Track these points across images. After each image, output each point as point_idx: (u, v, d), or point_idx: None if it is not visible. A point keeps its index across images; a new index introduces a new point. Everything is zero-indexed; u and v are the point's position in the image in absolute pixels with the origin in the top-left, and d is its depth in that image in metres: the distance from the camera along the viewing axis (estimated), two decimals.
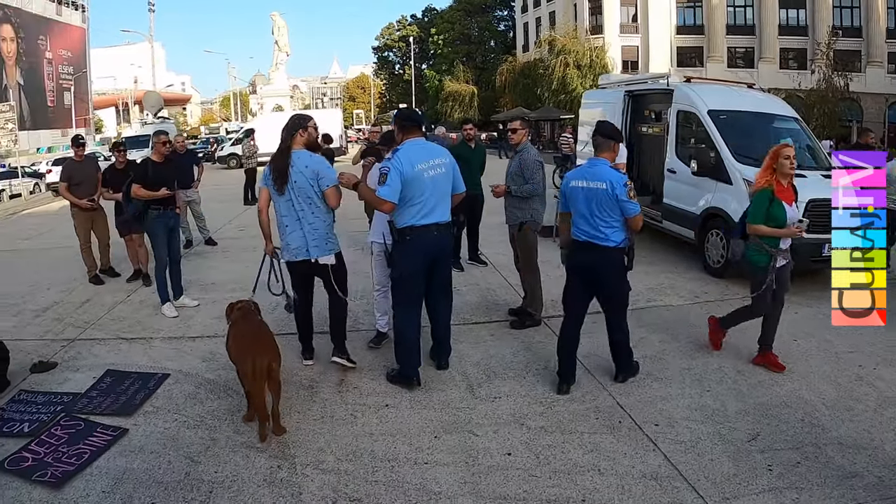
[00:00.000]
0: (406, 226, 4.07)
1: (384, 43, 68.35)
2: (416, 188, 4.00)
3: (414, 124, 4.24)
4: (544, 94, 38.68)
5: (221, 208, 12.89)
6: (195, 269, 7.88)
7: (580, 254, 3.99)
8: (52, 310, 6.39)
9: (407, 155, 4.01)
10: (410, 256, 4.11)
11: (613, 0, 40.84)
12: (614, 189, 3.74)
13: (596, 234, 3.86)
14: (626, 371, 4.21)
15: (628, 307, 4.22)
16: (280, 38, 42.61)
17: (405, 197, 4.00)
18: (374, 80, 78.78)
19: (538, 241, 5.51)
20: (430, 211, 4.08)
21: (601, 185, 3.79)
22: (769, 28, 38.35)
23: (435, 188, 4.08)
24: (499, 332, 5.25)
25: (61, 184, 7.46)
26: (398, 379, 4.27)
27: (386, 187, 3.94)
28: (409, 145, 4.10)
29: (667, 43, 40.13)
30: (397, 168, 3.95)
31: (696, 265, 7.09)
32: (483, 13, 57.98)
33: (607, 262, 3.90)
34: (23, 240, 11.30)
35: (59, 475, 3.32)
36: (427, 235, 4.08)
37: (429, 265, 4.18)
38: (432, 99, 55.54)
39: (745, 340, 4.73)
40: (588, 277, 3.99)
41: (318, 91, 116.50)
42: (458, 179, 4.32)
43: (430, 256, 4.16)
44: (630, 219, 3.82)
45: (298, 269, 4.45)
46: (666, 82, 8.21)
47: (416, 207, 4.04)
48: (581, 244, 3.96)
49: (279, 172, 4.21)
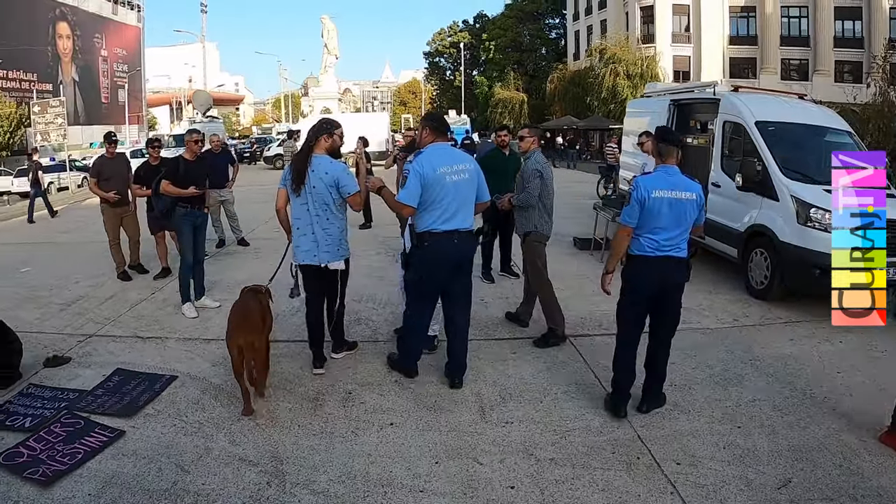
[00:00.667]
0: (425, 230, 4.01)
1: (435, 48, 68.55)
2: (436, 192, 3.93)
3: (440, 127, 4.18)
4: (593, 104, 38.07)
5: (260, 209, 12.68)
6: (223, 268, 7.85)
7: (653, 269, 3.65)
8: (76, 304, 6.44)
9: (429, 158, 3.97)
10: (428, 262, 4.06)
11: (665, 8, 39.95)
12: (701, 198, 3.62)
13: (676, 246, 3.64)
14: (654, 402, 3.88)
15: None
16: (329, 42, 43.11)
17: (426, 201, 3.95)
18: (425, 85, 78.94)
19: (542, 250, 5.32)
20: (452, 216, 3.99)
21: (691, 195, 3.59)
22: (824, 40, 36.87)
23: (457, 193, 3.99)
24: (522, 349, 4.95)
25: (91, 179, 7.61)
26: (397, 366, 4.37)
27: (405, 191, 3.95)
28: (432, 149, 4.05)
29: (719, 53, 39.03)
30: (417, 171, 3.92)
31: (739, 286, 6.65)
32: (535, 20, 57.45)
33: (681, 276, 3.69)
34: (62, 233, 11.61)
35: (50, 474, 3.29)
36: (447, 242, 4.00)
37: (448, 272, 4.11)
38: (482, 105, 55.22)
39: (791, 369, 4.35)
40: (658, 294, 3.70)
41: (369, 95, 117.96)
42: (483, 188, 4.21)
43: (450, 263, 4.08)
44: (699, 227, 3.69)
45: (308, 272, 4.45)
46: (712, 91, 7.80)
47: (437, 212, 3.96)
48: (655, 260, 3.63)
49: (297, 174, 4.24)
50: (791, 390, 4.17)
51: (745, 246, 6.60)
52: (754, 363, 4.62)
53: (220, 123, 37.58)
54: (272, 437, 3.60)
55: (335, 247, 4.37)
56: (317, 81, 45.99)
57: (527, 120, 47.48)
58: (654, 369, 3.84)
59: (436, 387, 4.25)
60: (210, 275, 7.15)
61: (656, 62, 37.72)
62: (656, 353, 3.84)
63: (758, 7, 38.37)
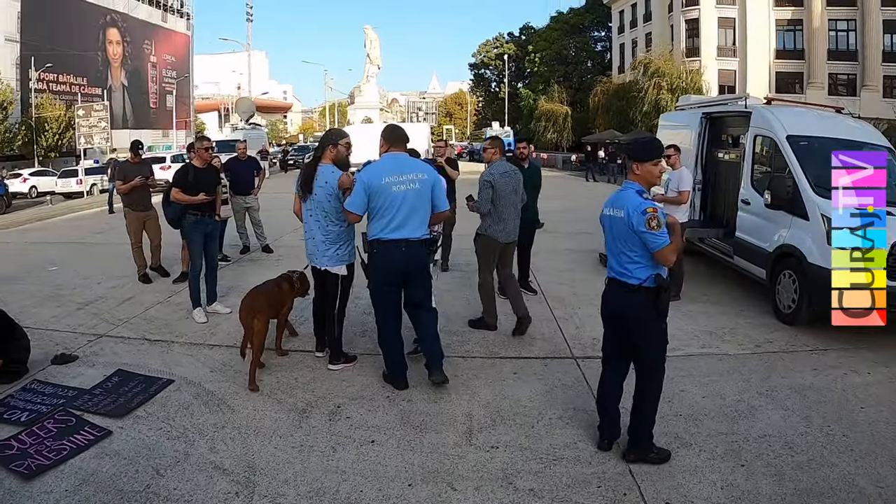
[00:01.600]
0: (374, 238, 4.18)
1: (481, 60, 68.72)
2: (383, 200, 4.06)
3: (394, 138, 4.31)
4: (636, 117, 37.43)
5: (289, 217, 12.93)
6: (241, 275, 7.87)
7: (608, 294, 3.47)
8: (93, 304, 6.57)
9: (376, 168, 4.14)
10: (379, 269, 4.23)
11: (711, 21, 39.16)
12: (630, 218, 3.21)
13: (620, 269, 3.34)
14: (638, 451, 3.41)
15: (665, 360, 3.42)
16: (372, 52, 43.70)
17: (374, 209, 4.12)
18: (471, 96, 79.02)
19: (489, 252, 5.59)
20: (399, 226, 4.09)
21: (620, 212, 3.29)
22: (873, 54, 35.35)
23: (404, 202, 4.08)
24: (524, 370, 4.75)
25: (117, 181, 7.81)
26: (387, 379, 4.40)
27: (350, 198, 4.15)
28: (384, 158, 4.23)
29: (765, 67, 37.98)
30: (362, 180, 4.09)
31: (766, 309, 6.28)
32: (580, 33, 57.01)
33: (631, 304, 3.30)
34: (96, 233, 11.99)
35: (34, 468, 3.37)
36: (395, 250, 4.11)
37: (400, 279, 4.23)
38: (526, 118, 54.83)
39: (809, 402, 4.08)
40: (617, 323, 3.45)
41: (414, 105, 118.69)
42: (439, 197, 4.29)
43: (399, 271, 4.18)
44: (654, 253, 3.20)
45: (315, 274, 4.72)
46: (744, 104, 7.47)
47: (385, 221, 4.10)
48: (609, 282, 3.46)
49: (304, 181, 4.50)
50: (806, 426, 3.85)
51: (772, 267, 6.24)
52: (771, 394, 4.30)
53: (263, 130, 38.31)
54: (251, 447, 3.55)
55: (335, 251, 4.52)
56: (360, 91, 46.62)
57: (570, 133, 47.05)
58: (631, 413, 3.48)
59: (427, 404, 4.12)
60: (228, 280, 7.23)
61: (700, 76, 36.93)
62: (635, 390, 3.48)
63: (805, 20, 37.26)
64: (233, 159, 9.29)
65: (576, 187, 23.44)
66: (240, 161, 9.24)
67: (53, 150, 34.72)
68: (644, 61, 38.76)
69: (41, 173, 26.45)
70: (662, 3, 43.67)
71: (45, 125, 34.12)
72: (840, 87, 36.77)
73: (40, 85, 36.13)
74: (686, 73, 36.50)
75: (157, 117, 50.42)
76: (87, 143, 20.68)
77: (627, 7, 49.01)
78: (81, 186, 22.63)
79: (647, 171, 3.30)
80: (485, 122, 62.52)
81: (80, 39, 41.20)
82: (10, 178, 24.38)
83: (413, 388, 4.35)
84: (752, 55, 37.76)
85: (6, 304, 5.78)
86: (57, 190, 23.57)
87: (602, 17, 55.26)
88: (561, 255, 9.09)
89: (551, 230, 10.99)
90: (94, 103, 24.36)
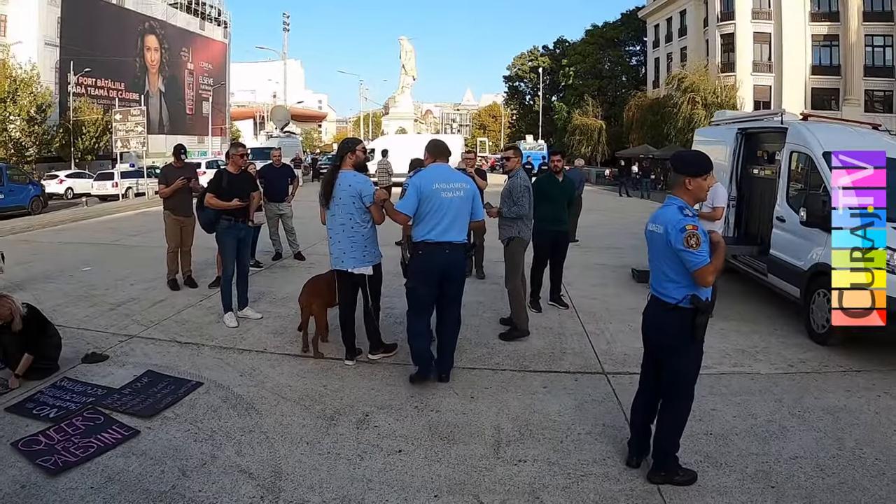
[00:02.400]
0: (420, 240, 4.43)
1: (515, 72, 68.60)
2: (432, 205, 4.36)
3: (440, 151, 4.65)
4: (670, 132, 36.99)
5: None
6: (273, 281, 7.95)
7: (646, 310, 3.39)
8: (126, 305, 6.69)
9: (427, 175, 4.46)
10: (422, 270, 4.47)
11: (746, 36, 38.67)
12: (668, 235, 3.10)
13: (657, 288, 3.26)
14: (663, 473, 3.31)
15: (695, 383, 3.32)
16: (407, 63, 43.99)
17: (422, 213, 4.39)
18: (505, 109, 78.62)
19: (520, 254, 5.94)
20: (445, 230, 4.38)
21: (658, 228, 3.21)
22: None
23: (451, 208, 4.39)
24: (554, 384, 4.70)
25: (159, 184, 7.88)
26: (416, 378, 4.57)
27: (402, 201, 4.47)
28: (432, 167, 4.57)
29: (801, 83, 37.30)
30: (415, 185, 4.39)
31: (800, 328, 6.13)
32: (615, 47, 56.82)
33: (663, 325, 3.22)
34: (131, 235, 12.23)
35: (60, 464, 3.41)
36: (439, 252, 4.39)
37: (439, 279, 4.45)
38: (560, 131, 54.47)
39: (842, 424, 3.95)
40: (650, 341, 3.38)
41: (448, 117, 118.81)
42: (478, 207, 4.64)
43: (441, 272, 4.43)
44: (692, 273, 3.10)
45: (341, 277, 4.92)
46: (780, 119, 7.33)
47: (432, 224, 4.38)
48: (649, 298, 3.37)
49: (326, 189, 4.77)
50: (839, 448, 3.73)
51: (807, 286, 6.09)
52: (803, 415, 4.19)
53: (298, 139, 38.68)
54: (278, 452, 3.56)
55: (360, 253, 4.78)
56: (394, 101, 46.94)
57: (605, 148, 46.64)
58: (655, 434, 3.39)
59: (455, 416, 4.09)
60: (259, 286, 7.30)
61: (735, 91, 36.43)
62: (660, 408, 3.38)
63: (841, 36, 36.62)
64: (267, 166, 9.40)
65: (609, 202, 23.21)
66: (274, 168, 9.35)
67: (90, 152, 35.61)
68: (679, 76, 38.41)
69: (77, 175, 27.06)
70: (698, 18, 43.38)
71: (82, 128, 35.04)
72: (876, 104, 36.11)
73: (78, 89, 37.15)
74: (721, 89, 36.10)
75: (193, 123, 51.49)
76: (124, 147, 21.10)
77: (663, 21, 48.79)
78: (117, 189, 23.09)
79: (699, 185, 3.18)
80: (518, 135, 61.98)
81: (119, 45, 42.38)
82: (47, 180, 24.94)
83: (442, 399, 4.34)
84: (787, 70, 37.19)
85: (40, 302, 5.95)
86: (92, 192, 24.06)
87: (637, 31, 55.04)
88: (593, 270, 9.03)
89: (584, 245, 10.93)
90: (131, 108, 24.83)
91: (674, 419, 3.28)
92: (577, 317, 6.55)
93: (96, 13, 40.26)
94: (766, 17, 38.51)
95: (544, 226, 6.67)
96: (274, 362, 5.04)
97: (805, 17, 37.30)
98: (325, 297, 5.14)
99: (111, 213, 17.54)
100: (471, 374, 4.84)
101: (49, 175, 26.68)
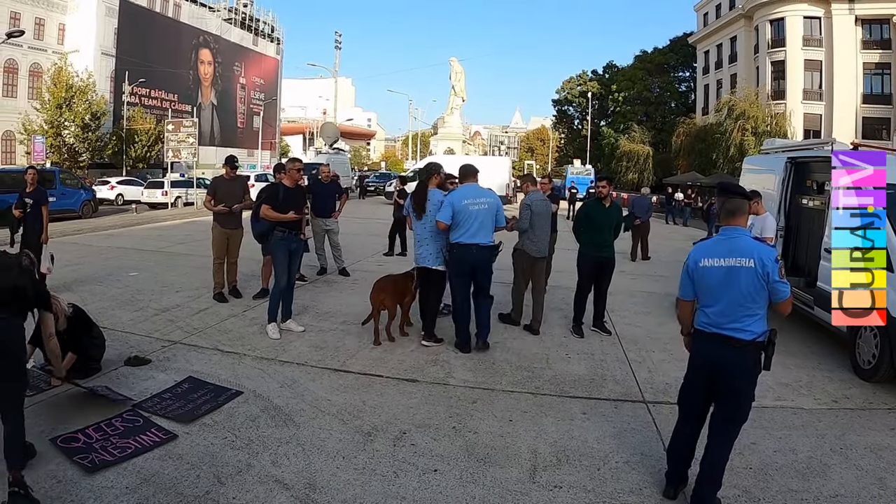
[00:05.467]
0: (455, 242, 5.78)
1: (564, 96, 68.40)
2: (463, 216, 5.69)
3: (468, 174, 5.97)
4: (719, 160, 36.25)
5: (371, 241, 12.98)
6: (316, 296, 8.01)
7: (708, 348, 3.20)
8: (170, 311, 6.84)
9: (458, 194, 5.81)
10: (456, 264, 5.84)
11: (797, 64, 37.97)
12: (765, 267, 2.99)
13: (733, 324, 3.09)
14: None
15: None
16: (457, 84, 44.16)
17: (456, 222, 5.73)
18: (553, 132, 78.19)
19: (522, 263, 6.77)
20: (473, 234, 5.72)
21: (746, 261, 3.05)
22: None
23: (477, 218, 5.71)
24: (593, 411, 4.60)
25: (207, 195, 7.86)
26: (458, 347, 5.85)
27: (441, 213, 5.75)
28: (464, 187, 5.93)
29: (852, 112, 36.33)
30: (450, 201, 5.75)
31: (846, 363, 5.89)
32: (664, 73, 56.46)
33: (741, 362, 3.06)
34: (178, 243, 12.55)
35: (97, 462, 3.47)
36: (468, 251, 5.73)
37: (470, 272, 5.81)
38: (607, 157, 54.05)
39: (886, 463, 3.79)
40: (714, 377, 3.20)
41: (496, 139, 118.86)
42: (500, 215, 5.94)
43: (470, 266, 5.78)
44: (779, 304, 3.03)
45: (423, 273, 6.10)
46: (830, 149, 7.13)
47: (463, 230, 5.72)
48: (709, 337, 3.18)
49: (418, 203, 5.98)
50: (880, 488, 3.56)
51: None
52: (845, 452, 4.02)
53: (346, 156, 39.10)
54: (314, 465, 3.56)
55: (438, 255, 5.97)
56: (443, 122, 47.25)
57: (651, 174, 45.88)
58: (704, 460, 3.25)
59: (493, 438, 4.04)
60: (303, 300, 7.37)
61: (786, 119, 35.61)
62: (709, 442, 3.24)
63: (893, 64, 35.64)
64: (315, 181, 9.51)
65: (656, 229, 22.90)
66: (322, 184, 9.41)
67: (141, 161, 36.85)
68: (728, 103, 37.86)
69: (128, 182, 27.91)
70: (748, 44, 42.83)
71: (134, 137, 36.36)
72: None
73: (133, 98, 38.62)
74: (771, 117, 35.35)
75: (244, 137, 52.82)
76: (175, 158, 21.79)
77: (713, 47, 48.35)
78: (166, 198, 23.79)
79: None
80: (566, 160, 61.42)
81: (173, 57, 43.95)
82: (99, 185, 25.76)
83: (480, 421, 4.30)
84: (838, 99, 36.35)
85: (86, 303, 6.12)
86: (142, 199, 24.79)
87: (686, 57, 54.62)
88: (638, 298, 8.90)
89: (629, 271, 10.77)
90: (183, 119, 25.68)
91: (726, 453, 3.20)
92: (619, 344, 6.43)
93: (152, 26, 41.89)
94: (816, 45, 37.83)
95: (588, 251, 6.64)
96: (314, 375, 5.07)
97: (856, 45, 36.49)
98: (393, 295, 6.02)
99: (159, 220, 18.07)
100: (510, 397, 4.79)
101: (101, 181, 27.50)
